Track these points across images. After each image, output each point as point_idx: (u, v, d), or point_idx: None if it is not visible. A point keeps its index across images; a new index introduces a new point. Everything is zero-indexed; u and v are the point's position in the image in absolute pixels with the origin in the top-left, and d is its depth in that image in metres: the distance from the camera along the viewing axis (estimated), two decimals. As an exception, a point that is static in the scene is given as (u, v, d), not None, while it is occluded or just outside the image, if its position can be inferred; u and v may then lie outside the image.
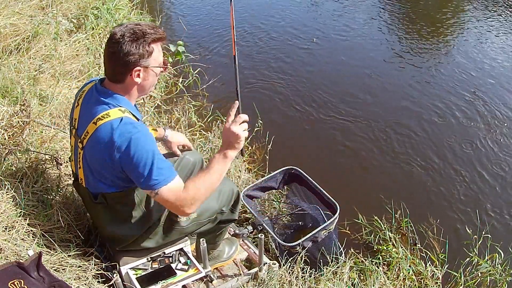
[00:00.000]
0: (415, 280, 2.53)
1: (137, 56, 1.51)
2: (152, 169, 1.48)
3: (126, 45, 1.49)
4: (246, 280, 2.25)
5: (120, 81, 1.57)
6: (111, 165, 1.53)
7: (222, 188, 1.92)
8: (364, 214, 2.96)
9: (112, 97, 1.57)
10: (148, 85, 1.62)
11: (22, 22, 3.38)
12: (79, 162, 1.65)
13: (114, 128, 1.49)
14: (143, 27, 1.53)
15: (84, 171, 1.64)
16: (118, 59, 1.51)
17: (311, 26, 5.96)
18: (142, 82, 1.58)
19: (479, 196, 3.26)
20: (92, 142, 1.55)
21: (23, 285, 1.43)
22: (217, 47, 5.37)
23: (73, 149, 1.70)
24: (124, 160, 1.49)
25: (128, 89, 1.60)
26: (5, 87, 2.69)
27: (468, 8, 6.49)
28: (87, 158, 1.59)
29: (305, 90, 4.49)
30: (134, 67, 1.53)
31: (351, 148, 3.73)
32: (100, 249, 1.94)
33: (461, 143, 3.79)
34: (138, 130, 1.50)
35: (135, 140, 1.47)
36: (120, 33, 1.50)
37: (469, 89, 4.54)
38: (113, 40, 1.51)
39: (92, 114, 1.55)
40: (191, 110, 3.79)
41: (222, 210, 1.94)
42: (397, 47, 5.41)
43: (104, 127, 1.51)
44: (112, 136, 1.49)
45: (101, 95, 1.57)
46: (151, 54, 1.55)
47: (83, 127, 1.58)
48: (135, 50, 1.50)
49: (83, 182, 1.67)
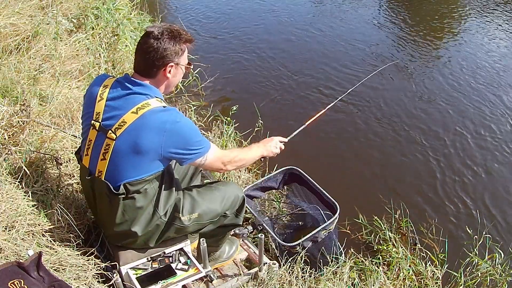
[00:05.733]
0: (415, 280, 2.53)
1: (173, 53, 1.66)
2: (198, 142, 1.68)
3: (165, 42, 1.63)
4: (246, 280, 2.25)
5: (151, 76, 1.68)
6: (159, 151, 1.61)
7: (227, 192, 1.95)
8: (364, 214, 2.96)
9: (148, 88, 1.67)
10: (174, 82, 1.78)
11: (22, 22, 3.37)
12: (104, 155, 1.65)
13: (162, 113, 1.61)
14: (177, 27, 1.70)
15: (110, 162, 1.64)
16: (156, 54, 1.63)
17: (311, 25, 5.97)
18: (171, 78, 1.72)
19: (479, 196, 3.27)
20: (136, 130, 1.60)
21: (23, 285, 1.43)
22: (217, 47, 5.38)
23: (92, 143, 1.70)
24: (175, 145, 1.62)
25: (159, 83, 1.72)
26: (5, 87, 2.69)
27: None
28: (124, 148, 1.61)
29: (306, 90, 4.49)
30: (168, 62, 1.67)
31: (351, 148, 3.74)
32: (100, 249, 1.93)
33: (461, 143, 3.80)
34: (182, 115, 1.68)
35: (184, 123, 1.65)
36: (158, 30, 1.63)
37: (470, 89, 4.55)
38: (152, 36, 1.62)
39: (130, 104, 1.63)
40: (191, 110, 3.79)
41: (225, 213, 1.95)
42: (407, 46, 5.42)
43: (150, 114, 1.60)
44: (160, 123, 1.59)
45: (135, 86, 1.66)
46: (183, 53, 1.72)
47: (116, 118, 1.63)
48: (172, 47, 1.65)
49: (102, 175, 1.67)
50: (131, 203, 1.69)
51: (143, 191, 1.68)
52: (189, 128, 1.67)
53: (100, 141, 1.66)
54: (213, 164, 1.80)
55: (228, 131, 3.43)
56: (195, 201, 1.85)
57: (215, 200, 1.91)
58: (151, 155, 1.63)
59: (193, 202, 1.85)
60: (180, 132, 1.64)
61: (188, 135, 1.66)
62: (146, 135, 1.60)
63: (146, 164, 1.65)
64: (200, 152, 1.71)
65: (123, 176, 1.65)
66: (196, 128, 1.73)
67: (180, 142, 1.65)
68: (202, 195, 1.89)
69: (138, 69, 1.69)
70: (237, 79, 4.71)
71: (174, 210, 1.79)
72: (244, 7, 6.64)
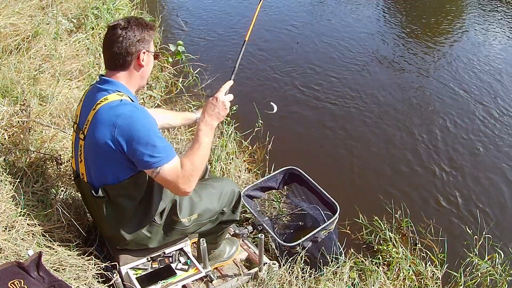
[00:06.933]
0: (415, 280, 2.53)
1: (144, 39, 1.64)
2: (153, 147, 1.51)
3: (134, 29, 1.62)
4: (246, 280, 2.25)
5: (125, 67, 1.64)
6: (113, 147, 1.53)
7: (224, 189, 1.93)
8: (365, 214, 2.96)
9: (111, 83, 1.63)
10: (148, 71, 1.71)
11: (22, 22, 3.37)
12: (80, 156, 1.66)
13: (113, 107, 1.54)
14: (140, 18, 1.69)
15: (86, 164, 1.64)
16: (127, 42, 1.60)
17: (311, 25, 5.97)
18: (145, 67, 1.67)
19: (479, 196, 3.26)
20: (93, 127, 1.56)
21: (23, 285, 1.43)
22: (217, 47, 5.38)
23: (74, 145, 1.71)
24: (125, 139, 1.51)
25: (131, 76, 1.66)
26: (5, 87, 2.69)
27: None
28: (89, 147, 1.60)
29: (306, 90, 4.49)
30: (141, 50, 1.63)
31: (352, 148, 3.74)
32: (100, 249, 1.93)
33: (461, 144, 3.79)
34: (138, 110, 1.55)
35: (136, 119, 1.52)
36: (124, 21, 1.63)
37: (470, 89, 4.54)
38: (119, 27, 1.61)
39: (93, 102, 1.60)
40: (191, 110, 3.78)
41: (223, 210, 1.94)
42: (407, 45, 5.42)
43: (102, 109, 1.55)
44: (111, 117, 1.52)
45: (100, 84, 1.64)
46: (151, 40, 1.69)
47: (84, 118, 1.62)
48: (141, 34, 1.63)
49: (85, 177, 1.67)
50: (116, 207, 1.68)
51: (126, 195, 1.65)
52: (142, 125, 1.51)
53: (77, 143, 1.68)
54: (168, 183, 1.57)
55: (228, 131, 3.43)
56: (193, 202, 1.84)
57: (213, 198, 1.89)
58: (113, 156, 1.54)
59: (191, 202, 1.83)
60: (132, 127, 1.50)
61: (140, 133, 1.50)
62: (99, 130, 1.54)
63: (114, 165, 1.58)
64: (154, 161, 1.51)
65: (100, 179, 1.63)
66: (154, 129, 1.54)
67: (130, 139, 1.50)
68: (199, 194, 1.87)
69: (109, 64, 1.65)
70: (237, 79, 4.69)
71: (171, 213, 1.78)
72: (244, 7, 6.64)
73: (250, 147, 3.50)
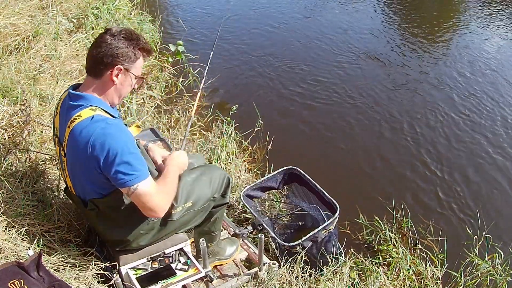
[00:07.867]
0: (415, 280, 2.53)
1: (124, 54, 1.56)
2: (127, 164, 1.48)
3: (119, 40, 1.54)
4: (246, 280, 2.25)
5: (98, 75, 1.57)
6: (90, 166, 1.51)
7: (213, 175, 1.93)
8: (365, 214, 2.95)
9: (83, 98, 1.56)
10: (122, 91, 1.63)
11: (22, 22, 3.38)
12: (65, 171, 1.66)
13: (85, 127, 1.50)
14: (139, 34, 1.62)
15: (71, 179, 1.65)
16: (106, 50, 1.53)
17: (312, 24, 5.97)
18: (118, 85, 1.59)
19: (479, 196, 3.26)
20: (70, 147, 1.55)
21: (23, 285, 1.43)
22: (217, 47, 5.36)
23: (58, 158, 1.71)
24: (98, 157, 1.47)
25: (104, 88, 1.59)
26: (5, 87, 2.69)
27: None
28: (71, 165, 1.60)
29: (306, 90, 4.49)
30: (117, 64, 1.55)
31: (352, 148, 3.73)
32: (100, 249, 1.93)
33: (462, 144, 3.79)
34: (110, 125, 1.50)
35: (107, 135, 1.47)
36: (117, 29, 1.57)
37: (469, 89, 4.54)
38: (109, 33, 1.56)
39: (67, 119, 1.56)
40: (191, 110, 3.78)
41: (214, 197, 1.94)
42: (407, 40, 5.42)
43: (76, 128, 1.51)
44: (84, 136, 1.49)
45: (72, 100, 1.58)
46: (136, 60, 1.60)
47: (62, 134, 1.60)
48: (125, 48, 1.55)
49: (72, 190, 1.68)
50: (108, 216, 1.68)
51: (115, 206, 1.65)
52: (115, 142, 1.47)
53: (61, 157, 1.67)
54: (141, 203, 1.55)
55: (228, 131, 3.43)
56: (185, 191, 1.82)
57: (204, 185, 1.88)
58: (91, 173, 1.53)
59: (184, 191, 1.82)
60: (105, 146, 1.46)
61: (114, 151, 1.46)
62: (76, 150, 1.52)
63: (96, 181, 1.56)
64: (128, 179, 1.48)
65: (87, 193, 1.63)
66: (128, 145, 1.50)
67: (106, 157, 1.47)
68: (190, 182, 1.86)
69: (87, 67, 1.60)
70: (237, 79, 4.70)
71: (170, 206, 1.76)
72: (244, 6, 6.63)
73: (250, 147, 3.50)
